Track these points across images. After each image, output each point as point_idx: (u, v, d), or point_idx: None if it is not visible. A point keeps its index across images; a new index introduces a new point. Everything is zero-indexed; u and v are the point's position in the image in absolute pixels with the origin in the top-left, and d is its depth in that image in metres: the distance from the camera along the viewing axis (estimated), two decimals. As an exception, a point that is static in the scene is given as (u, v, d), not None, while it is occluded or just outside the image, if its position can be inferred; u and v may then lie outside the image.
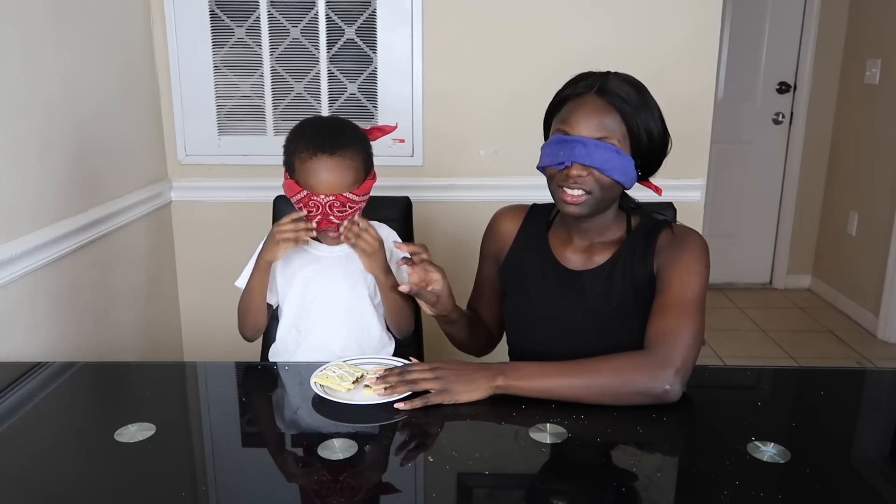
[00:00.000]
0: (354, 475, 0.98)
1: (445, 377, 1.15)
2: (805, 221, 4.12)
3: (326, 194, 1.34)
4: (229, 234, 2.37)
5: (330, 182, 1.35)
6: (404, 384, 1.15)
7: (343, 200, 1.35)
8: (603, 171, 1.22)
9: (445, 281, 1.33)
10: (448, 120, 2.31)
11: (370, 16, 2.27)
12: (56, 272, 1.71)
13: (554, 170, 1.26)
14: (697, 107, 2.27)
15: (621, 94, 1.24)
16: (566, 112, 1.26)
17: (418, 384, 1.15)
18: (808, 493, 0.94)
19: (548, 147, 1.28)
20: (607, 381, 1.13)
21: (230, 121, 2.36)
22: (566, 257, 1.36)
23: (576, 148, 1.22)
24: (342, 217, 1.37)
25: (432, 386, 1.15)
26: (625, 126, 1.23)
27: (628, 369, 1.14)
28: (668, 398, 1.13)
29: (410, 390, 1.15)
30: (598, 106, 1.23)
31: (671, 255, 1.27)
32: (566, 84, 1.30)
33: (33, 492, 0.95)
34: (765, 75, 3.99)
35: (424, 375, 1.16)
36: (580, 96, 1.25)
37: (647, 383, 1.13)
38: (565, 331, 1.33)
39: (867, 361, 3.27)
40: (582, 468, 1.02)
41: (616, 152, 1.22)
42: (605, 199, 1.27)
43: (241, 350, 1.63)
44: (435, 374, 1.16)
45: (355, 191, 1.36)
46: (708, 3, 2.21)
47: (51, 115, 1.70)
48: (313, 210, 1.35)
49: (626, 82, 1.26)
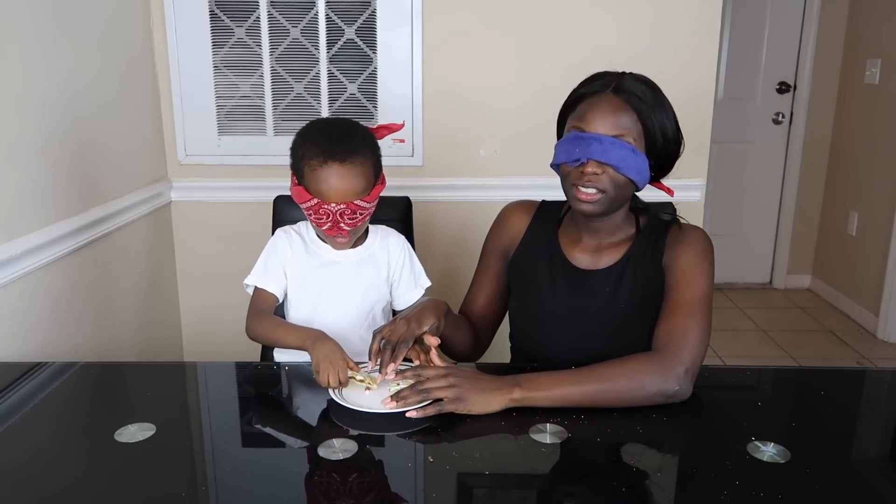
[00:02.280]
0: (354, 475, 0.98)
1: (461, 385, 1.13)
2: (805, 221, 4.12)
3: (337, 202, 1.33)
4: (229, 234, 2.37)
5: (341, 190, 1.33)
6: (417, 394, 1.13)
7: (354, 208, 1.34)
8: (618, 169, 1.22)
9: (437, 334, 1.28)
10: (448, 120, 2.31)
11: (370, 16, 2.27)
12: (56, 272, 1.71)
13: (569, 167, 1.25)
14: (697, 107, 2.27)
15: (637, 93, 1.24)
16: (582, 109, 1.25)
17: (432, 393, 1.13)
18: (808, 493, 0.94)
19: (563, 144, 1.26)
20: (622, 385, 1.13)
21: (230, 121, 2.36)
22: (575, 256, 1.35)
23: (592, 145, 1.21)
24: (353, 224, 1.36)
25: (447, 394, 1.12)
26: (640, 125, 1.24)
27: (641, 372, 1.14)
28: (678, 398, 1.14)
29: (424, 400, 1.12)
30: (614, 104, 1.23)
31: (676, 253, 1.27)
32: (582, 83, 1.30)
33: (33, 492, 0.95)
34: (765, 75, 3.99)
35: (439, 384, 1.13)
36: (596, 94, 1.25)
37: (660, 385, 1.13)
38: (573, 331, 1.33)
39: (867, 361, 3.27)
40: (582, 468, 1.02)
41: (632, 150, 1.22)
42: (619, 199, 1.27)
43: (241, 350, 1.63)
44: (449, 383, 1.13)
45: (366, 198, 1.35)
46: (708, 3, 2.21)
47: (51, 116, 1.70)
48: (323, 217, 1.34)
49: (642, 82, 1.27)
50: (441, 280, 1.80)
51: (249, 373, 1.39)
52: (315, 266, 1.46)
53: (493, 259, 1.46)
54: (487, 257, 1.47)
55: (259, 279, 1.44)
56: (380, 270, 1.48)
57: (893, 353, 3.36)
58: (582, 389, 1.13)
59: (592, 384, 1.14)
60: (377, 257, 1.48)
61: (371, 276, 1.47)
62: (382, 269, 1.48)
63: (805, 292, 4.17)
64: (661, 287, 1.28)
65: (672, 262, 1.27)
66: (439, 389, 1.13)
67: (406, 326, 1.21)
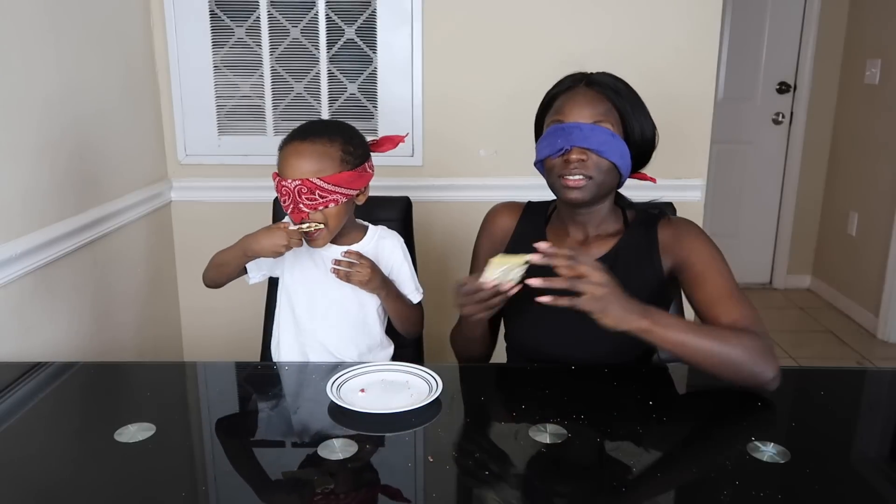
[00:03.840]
0: (354, 475, 0.98)
1: (610, 290, 1.09)
2: (805, 221, 4.12)
3: (293, 178, 1.33)
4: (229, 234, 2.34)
5: (297, 165, 1.34)
6: (564, 281, 1.09)
7: (310, 186, 1.32)
8: (601, 153, 1.25)
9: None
10: (448, 120, 2.31)
11: (370, 16, 2.27)
12: (56, 272, 1.71)
13: (553, 160, 1.28)
14: (697, 107, 2.27)
15: (609, 84, 1.30)
16: (559, 104, 1.30)
17: (580, 284, 1.08)
18: (808, 493, 0.95)
19: (544, 139, 1.30)
20: (736, 354, 1.13)
21: (230, 121, 2.36)
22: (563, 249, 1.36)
23: (573, 133, 1.25)
24: (311, 206, 1.34)
25: (594, 292, 1.08)
26: (616, 112, 1.28)
27: (754, 350, 1.14)
28: (771, 387, 1.16)
29: (568, 286, 1.08)
30: (589, 95, 1.29)
31: (687, 249, 1.29)
32: (553, 86, 1.35)
33: (33, 492, 0.95)
34: (765, 75, 4.00)
35: (594, 278, 1.09)
36: (570, 89, 1.31)
37: (764, 368, 1.14)
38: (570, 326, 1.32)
39: (867, 361, 3.27)
40: (582, 468, 1.02)
41: (611, 135, 1.26)
42: (605, 185, 1.29)
43: (241, 350, 1.64)
44: (602, 281, 1.09)
45: (325, 178, 1.33)
46: (708, 3, 2.21)
47: (50, 116, 1.70)
48: (286, 199, 1.35)
49: (611, 76, 1.32)
50: (441, 280, 1.80)
51: (249, 373, 1.39)
52: (306, 264, 1.47)
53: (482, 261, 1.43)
54: (480, 259, 1.46)
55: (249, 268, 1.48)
56: None
57: (893, 353, 3.36)
58: (701, 343, 1.13)
59: (712, 341, 1.14)
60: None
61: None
62: None
63: (805, 292, 4.17)
64: (658, 279, 1.30)
65: (687, 258, 1.28)
66: (590, 284, 1.09)
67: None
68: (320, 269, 1.47)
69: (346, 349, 1.48)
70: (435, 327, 1.72)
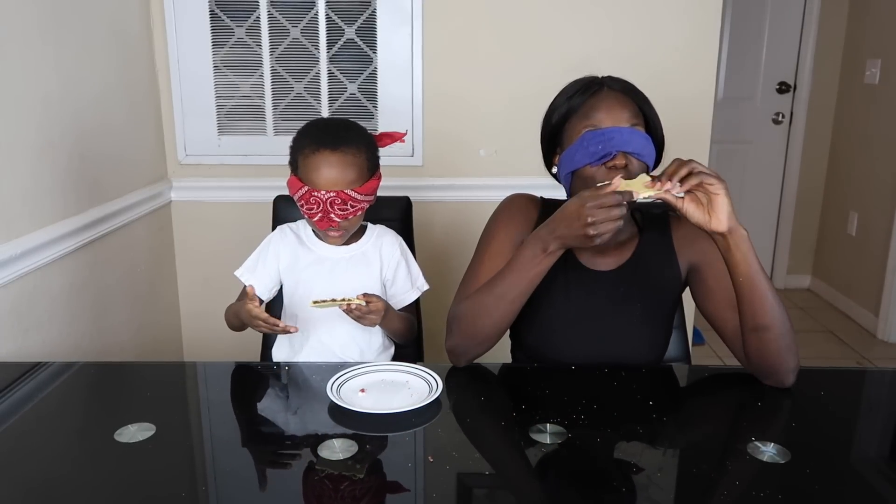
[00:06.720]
0: (354, 475, 0.98)
1: (725, 187, 1.09)
2: (805, 221, 4.12)
3: (327, 190, 1.34)
4: (229, 233, 2.37)
5: (331, 177, 1.34)
6: (683, 176, 1.08)
7: (344, 198, 1.34)
8: (640, 156, 1.20)
9: None
10: (448, 120, 2.31)
11: (370, 16, 2.27)
12: (56, 272, 1.71)
13: (593, 168, 1.20)
14: (697, 107, 2.27)
15: (627, 85, 1.25)
16: (586, 109, 1.22)
17: (700, 176, 1.07)
18: (808, 493, 0.94)
19: (578, 147, 1.21)
20: (785, 317, 1.14)
21: (230, 121, 2.36)
22: (584, 257, 1.33)
23: (614, 138, 1.18)
24: (343, 216, 1.36)
25: (713, 185, 1.07)
26: (642, 114, 1.24)
27: (792, 331, 1.15)
28: (789, 380, 1.17)
29: (687, 182, 1.08)
30: (618, 97, 1.22)
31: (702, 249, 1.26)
32: (564, 94, 1.27)
33: (33, 491, 0.95)
34: (765, 75, 3.99)
35: (711, 172, 1.08)
36: (596, 94, 1.23)
37: (794, 350, 1.15)
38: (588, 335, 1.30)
39: (867, 361, 3.27)
40: (582, 468, 1.02)
41: (647, 138, 1.21)
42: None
43: (241, 350, 1.63)
44: (719, 178, 1.09)
45: (357, 188, 1.36)
46: (708, 3, 2.21)
47: (51, 116, 1.70)
48: (314, 207, 1.35)
49: (620, 78, 1.27)
50: (441, 280, 1.80)
51: (249, 373, 1.39)
52: (306, 262, 1.47)
53: (507, 243, 1.31)
54: (501, 241, 1.32)
55: (246, 274, 1.48)
56: (372, 269, 1.48)
57: (893, 353, 3.36)
58: (767, 282, 1.13)
59: (773, 290, 1.14)
60: (369, 256, 1.48)
61: (362, 275, 1.47)
62: (374, 268, 1.48)
63: (805, 292, 4.17)
64: (678, 281, 1.28)
65: (702, 255, 1.26)
66: (711, 178, 1.08)
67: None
68: (321, 269, 1.47)
69: (348, 350, 1.48)
70: (435, 328, 1.71)
